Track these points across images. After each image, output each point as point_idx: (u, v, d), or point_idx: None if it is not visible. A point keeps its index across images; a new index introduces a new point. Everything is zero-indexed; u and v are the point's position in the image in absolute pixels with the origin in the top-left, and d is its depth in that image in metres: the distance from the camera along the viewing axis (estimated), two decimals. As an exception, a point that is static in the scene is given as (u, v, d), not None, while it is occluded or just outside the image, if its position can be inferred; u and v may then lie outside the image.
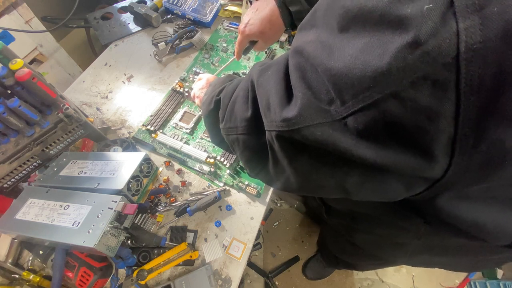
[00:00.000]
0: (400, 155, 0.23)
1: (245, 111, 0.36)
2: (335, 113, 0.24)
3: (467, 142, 0.20)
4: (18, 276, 0.53)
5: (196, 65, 0.80)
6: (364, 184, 0.28)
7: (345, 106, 0.23)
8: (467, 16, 0.17)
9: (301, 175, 0.32)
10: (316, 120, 0.25)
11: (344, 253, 0.86)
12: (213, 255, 0.56)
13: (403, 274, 1.27)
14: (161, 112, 0.71)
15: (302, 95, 0.26)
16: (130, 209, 0.48)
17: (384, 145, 0.23)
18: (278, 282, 1.23)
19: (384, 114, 0.21)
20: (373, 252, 0.60)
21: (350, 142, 0.24)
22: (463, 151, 0.21)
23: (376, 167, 0.24)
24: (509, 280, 1.21)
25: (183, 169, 0.66)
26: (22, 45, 0.81)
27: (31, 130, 0.55)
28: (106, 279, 0.52)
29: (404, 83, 0.20)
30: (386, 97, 0.20)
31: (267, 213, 1.37)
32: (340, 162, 0.27)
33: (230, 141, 0.41)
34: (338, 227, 0.65)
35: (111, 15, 0.92)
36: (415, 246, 0.47)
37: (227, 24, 0.87)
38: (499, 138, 0.20)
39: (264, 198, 0.63)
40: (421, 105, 0.20)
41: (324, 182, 0.31)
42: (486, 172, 0.22)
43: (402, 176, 0.25)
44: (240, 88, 0.39)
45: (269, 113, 0.30)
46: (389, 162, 0.23)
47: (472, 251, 0.43)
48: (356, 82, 0.22)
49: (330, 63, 0.23)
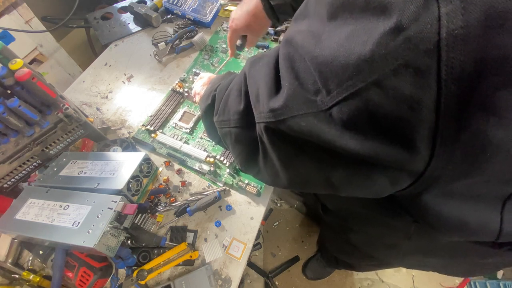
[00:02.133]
0: (383, 146, 0.22)
1: (238, 104, 0.36)
2: (320, 104, 0.24)
3: (448, 133, 0.20)
4: (18, 276, 0.53)
5: (196, 66, 0.80)
6: (349, 178, 0.28)
7: (330, 96, 0.23)
8: (449, 0, 0.16)
9: (289, 168, 0.32)
10: (301, 110, 0.25)
11: (342, 253, 0.86)
12: (213, 255, 0.56)
13: (403, 274, 1.27)
14: (161, 112, 0.71)
15: (289, 85, 0.26)
16: (130, 209, 0.48)
17: (367, 136, 0.22)
18: (278, 282, 1.23)
19: (367, 103, 0.21)
20: (369, 252, 0.60)
21: (334, 133, 0.24)
22: (445, 142, 0.20)
23: (360, 160, 0.24)
24: (509, 280, 1.21)
25: (183, 169, 0.66)
26: (22, 45, 0.81)
27: (31, 130, 0.55)
28: (106, 279, 0.52)
29: (386, 71, 0.19)
30: (369, 86, 0.20)
31: (267, 213, 1.37)
32: (326, 155, 0.27)
33: (223, 134, 0.41)
34: (334, 226, 0.65)
35: (111, 15, 0.92)
36: (406, 246, 0.47)
37: (227, 25, 0.87)
38: (481, 129, 0.19)
39: (264, 197, 0.63)
40: (403, 94, 0.19)
41: (311, 176, 0.31)
42: (469, 165, 0.22)
43: (386, 169, 0.25)
44: (235, 82, 0.39)
45: (258, 105, 0.30)
46: (372, 153, 0.23)
47: (464, 253, 0.43)
48: (340, 70, 0.21)
49: (317, 52, 0.23)
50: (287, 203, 1.42)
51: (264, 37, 0.85)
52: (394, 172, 0.25)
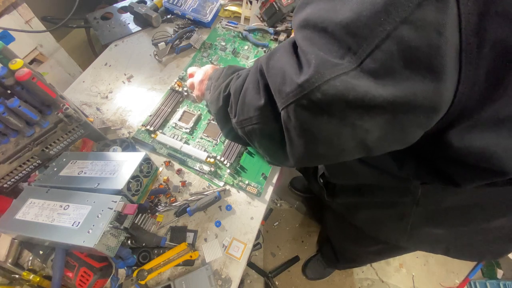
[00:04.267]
0: (416, 83, 0.24)
1: (257, 100, 0.37)
2: (350, 63, 0.25)
3: (471, 49, 0.22)
4: (18, 276, 0.53)
5: (194, 64, 0.80)
6: (384, 136, 0.30)
7: (360, 50, 0.25)
8: None
9: (323, 143, 0.33)
10: (333, 73, 0.26)
11: (346, 240, 0.87)
12: (213, 255, 0.56)
13: (403, 274, 1.27)
14: (160, 112, 0.71)
15: (315, 56, 0.28)
16: (130, 209, 0.47)
17: (401, 77, 0.24)
18: (278, 282, 1.23)
19: (399, 42, 0.23)
20: (375, 232, 0.60)
21: (368, 84, 0.25)
22: (469, 60, 0.23)
23: (395, 108, 0.26)
24: (509, 280, 1.22)
25: (183, 169, 0.66)
26: (22, 45, 0.81)
27: (31, 130, 0.55)
28: (106, 279, 0.52)
29: (412, 6, 0.22)
30: (398, 25, 0.23)
31: (267, 213, 1.37)
32: (359, 121, 0.28)
33: (247, 133, 0.42)
34: (341, 209, 0.65)
35: (111, 15, 0.92)
36: (414, 215, 0.48)
37: (226, 23, 0.87)
38: (500, 38, 0.22)
39: (264, 198, 0.63)
40: (430, 21, 0.22)
41: (345, 145, 0.32)
42: (492, 86, 0.24)
43: (419, 111, 0.26)
44: (249, 81, 0.40)
45: (284, 87, 0.31)
46: (408, 93, 0.25)
47: (472, 216, 0.44)
48: (368, 21, 0.24)
49: (339, 17, 0.25)
50: (287, 203, 1.42)
51: (263, 36, 0.85)
52: (426, 110, 0.26)
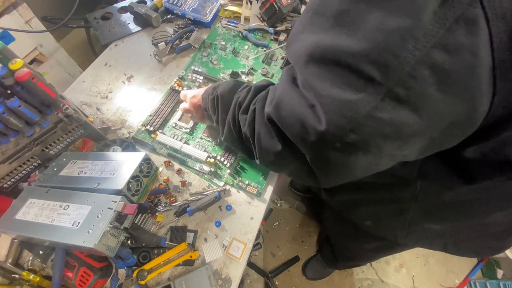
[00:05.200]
0: (452, 104, 0.24)
1: (274, 146, 0.39)
2: (374, 95, 0.25)
3: (504, 66, 0.23)
4: (18, 276, 0.53)
5: (194, 63, 0.80)
6: (422, 153, 0.30)
7: (386, 79, 0.24)
8: None
9: (360, 171, 0.33)
10: (360, 111, 0.26)
11: (345, 238, 0.87)
12: (213, 255, 0.56)
13: (403, 274, 1.27)
14: (160, 111, 0.71)
15: (331, 98, 0.27)
16: (130, 209, 0.47)
17: (436, 100, 0.24)
18: (278, 282, 1.23)
19: (431, 67, 0.23)
20: (373, 229, 0.60)
21: (402, 113, 0.25)
22: (503, 74, 0.23)
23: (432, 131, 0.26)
24: (509, 280, 1.22)
25: (183, 169, 0.66)
26: (22, 45, 0.81)
27: (31, 130, 0.55)
28: (106, 279, 0.52)
29: (441, 32, 0.22)
30: (429, 50, 0.22)
31: (267, 213, 1.37)
32: (397, 151, 0.28)
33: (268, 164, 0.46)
34: (339, 207, 0.65)
35: (111, 15, 0.92)
36: (413, 210, 0.48)
37: (225, 22, 0.87)
38: None
39: (264, 198, 0.63)
40: (462, 43, 0.22)
41: (383, 167, 0.33)
42: None
43: (456, 127, 0.27)
44: (259, 127, 0.41)
45: (308, 137, 0.31)
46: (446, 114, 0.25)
47: (470, 212, 0.45)
48: (393, 49, 0.23)
49: (354, 47, 0.25)
50: (287, 203, 1.42)
51: (263, 36, 0.85)
52: (463, 126, 0.27)
